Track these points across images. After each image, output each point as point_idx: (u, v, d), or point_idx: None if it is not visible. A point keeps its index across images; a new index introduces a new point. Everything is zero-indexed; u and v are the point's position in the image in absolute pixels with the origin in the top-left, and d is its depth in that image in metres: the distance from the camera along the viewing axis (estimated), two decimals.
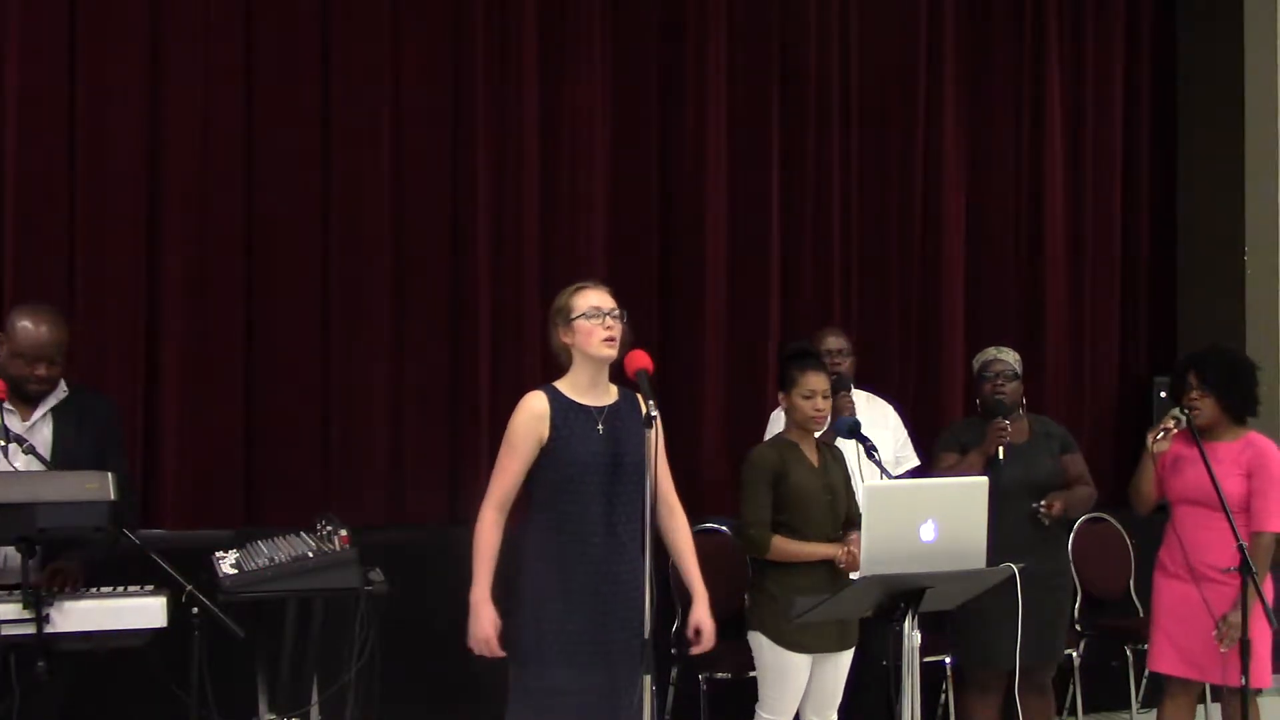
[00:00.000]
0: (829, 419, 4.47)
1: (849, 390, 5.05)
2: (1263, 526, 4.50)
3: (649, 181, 6.00)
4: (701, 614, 3.82)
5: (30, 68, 5.02)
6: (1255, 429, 4.71)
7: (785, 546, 4.34)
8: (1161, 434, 4.56)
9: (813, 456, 4.42)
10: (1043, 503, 4.76)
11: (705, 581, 3.89)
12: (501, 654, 3.68)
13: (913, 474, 5.08)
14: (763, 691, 4.40)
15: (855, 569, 4.22)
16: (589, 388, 3.79)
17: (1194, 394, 4.62)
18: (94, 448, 4.03)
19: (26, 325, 3.97)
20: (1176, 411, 4.58)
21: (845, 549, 4.28)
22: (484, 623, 3.67)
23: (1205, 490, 4.48)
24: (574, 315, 3.75)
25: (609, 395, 3.82)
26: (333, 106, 5.46)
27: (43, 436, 4.00)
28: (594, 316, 3.72)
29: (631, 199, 5.95)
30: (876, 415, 5.19)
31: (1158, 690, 4.89)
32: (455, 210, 5.66)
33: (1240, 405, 4.67)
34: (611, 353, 3.74)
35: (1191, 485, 4.57)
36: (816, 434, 4.45)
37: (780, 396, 4.48)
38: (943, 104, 6.52)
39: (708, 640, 3.81)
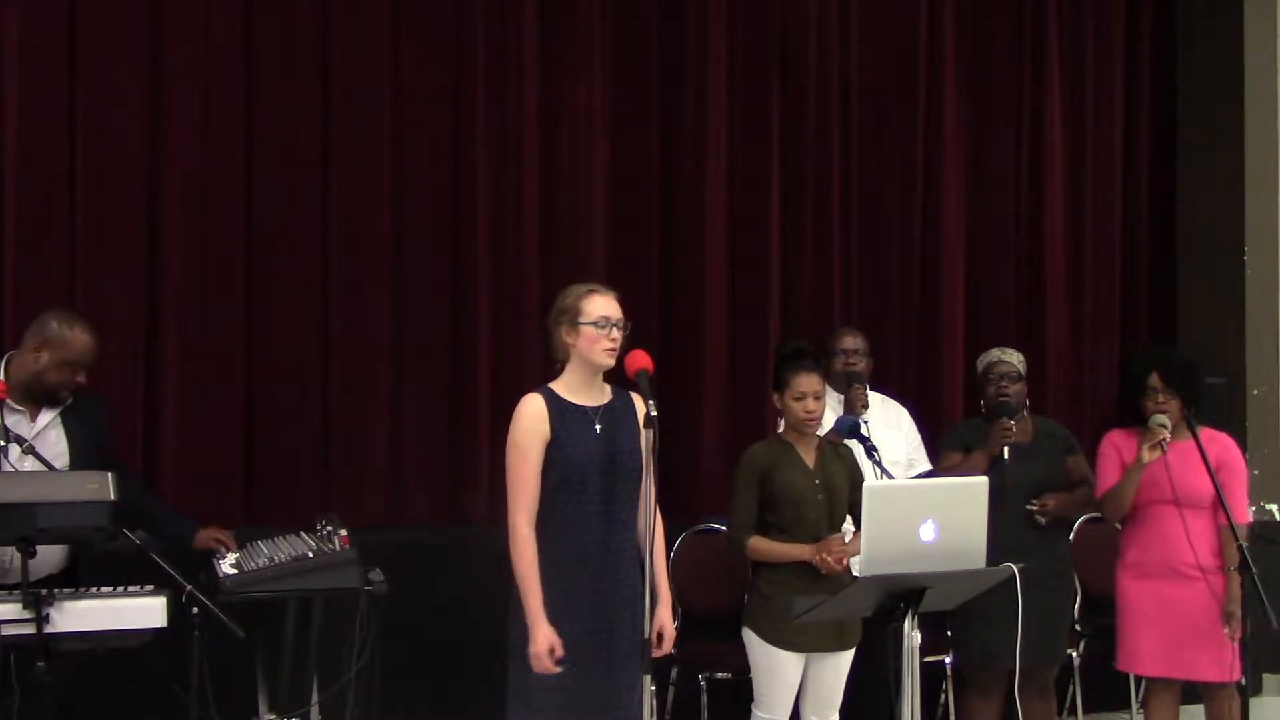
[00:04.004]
0: (823, 419, 4.46)
1: (864, 384, 5.03)
2: (1235, 520, 4.52)
3: (649, 180, 5.99)
4: (664, 616, 3.79)
5: (30, 68, 5.02)
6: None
7: (760, 546, 4.34)
8: (1160, 442, 4.56)
9: (808, 457, 4.41)
10: (1034, 502, 4.77)
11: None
12: (557, 669, 3.63)
13: (925, 478, 5.05)
14: (757, 689, 4.40)
15: (835, 572, 4.22)
16: (584, 388, 3.82)
17: (1160, 397, 4.63)
18: (97, 449, 4.05)
19: (81, 335, 4.02)
20: (1163, 419, 4.59)
21: (820, 555, 4.22)
22: (539, 641, 3.62)
23: (1184, 490, 4.56)
24: (581, 320, 3.76)
25: (604, 395, 3.86)
26: (333, 107, 5.45)
27: (50, 439, 4.02)
28: (602, 327, 3.75)
29: (631, 198, 5.94)
30: (890, 417, 5.17)
31: None
32: (455, 210, 5.65)
33: (1197, 405, 4.70)
34: (611, 362, 3.79)
35: (1167, 485, 4.58)
36: (818, 434, 4.44)
37: (774, 398, 4.48)
38: (943, 104, 6.51)
39: (667, 644, 3.78)
